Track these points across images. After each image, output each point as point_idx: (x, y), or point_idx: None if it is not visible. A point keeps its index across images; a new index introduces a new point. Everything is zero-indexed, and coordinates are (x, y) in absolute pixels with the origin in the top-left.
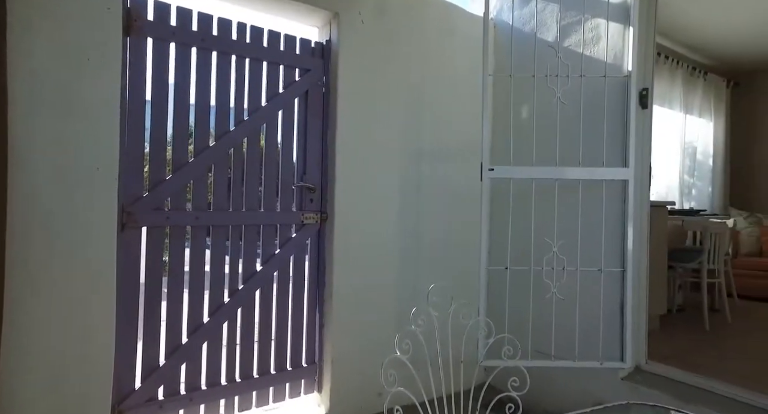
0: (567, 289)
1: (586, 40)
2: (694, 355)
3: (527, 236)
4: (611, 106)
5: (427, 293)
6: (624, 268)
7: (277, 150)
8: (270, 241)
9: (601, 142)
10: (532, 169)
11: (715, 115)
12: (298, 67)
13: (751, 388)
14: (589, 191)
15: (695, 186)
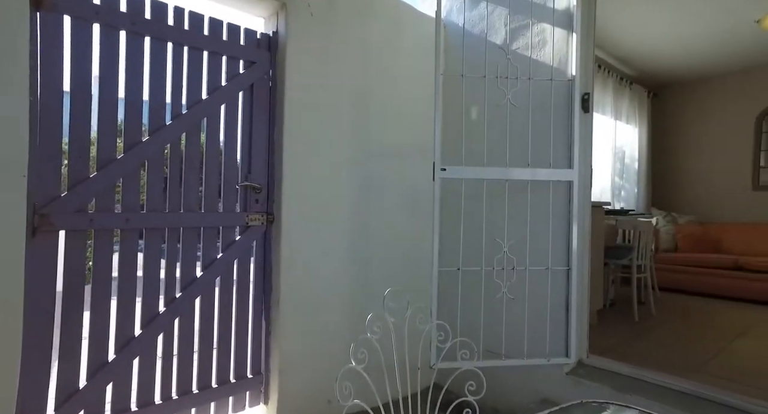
0: (517, 289)
1: (533, 43)
2: (627, 347)
3: (479, 237)
4: (557, 109)
5: (382, 298)
6: (569, 267)
7: (220, 147)
8: (212, 244)
9: (548, 143)
10: (483, 170)
11: (639, 122)
12: (242, 58)
13: (677, 375)
14: (537, 192)
15: (624, 187)
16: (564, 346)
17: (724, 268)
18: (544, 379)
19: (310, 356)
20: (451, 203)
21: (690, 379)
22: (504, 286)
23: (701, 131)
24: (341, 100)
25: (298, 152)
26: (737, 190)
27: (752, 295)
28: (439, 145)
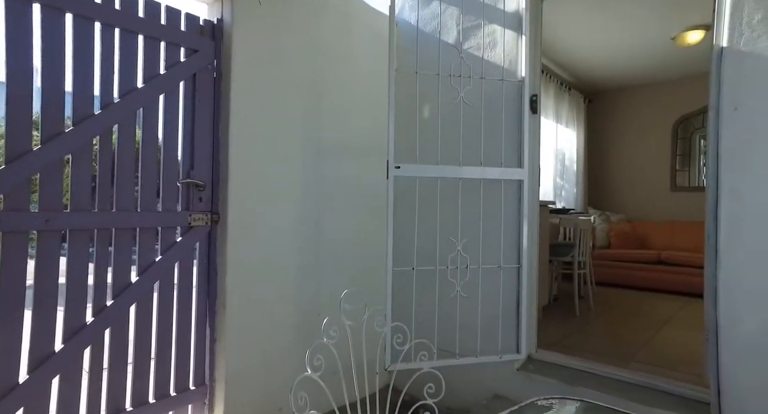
0: (470, 287)
1: (484, 44)
2: (571, 340)
3: (433, 236)
4: (508, 109)
5: (339, 300)
6: (520, 265)
7: (158, 141)
8: (149, 246)
9: (499, 143)
10: (437, 168)
11: (577, 126)
12: (183, 46)
13: (616, 365)
14: (489, 191)
15: (564, 188)
16: (515, 342)
17: (649, 262)
18: (496, 375)
19: (259, 363)
20: (406, 202)
21: (627, 368)
22: (458, 285)
23: (628, 136)
24: (292, 95)
25: (246, 149)
26: (658, 191)
27: (673, 286)
28: (393, 143)
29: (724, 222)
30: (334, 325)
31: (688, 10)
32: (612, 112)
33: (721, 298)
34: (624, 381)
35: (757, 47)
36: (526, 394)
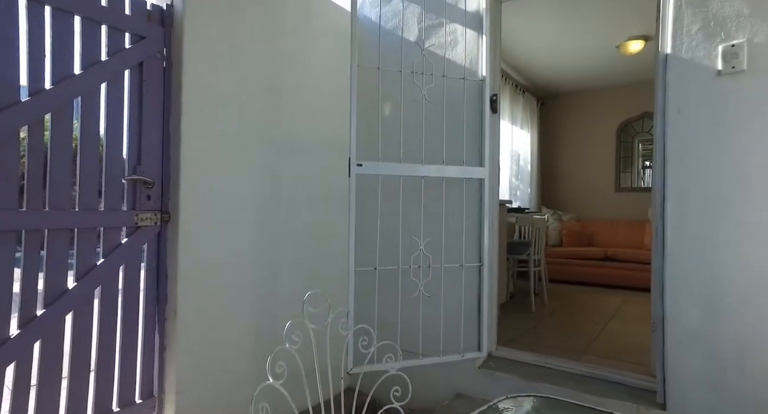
0: (433, 286)
1: (445, 43)
2: (529, 336)
3: (396, 235)
4: (469, 108)
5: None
6: (481, 263)
7: (100, 133)
8: (89, 249)
9: (461, 141)
10: (400, 166)
11: (531, 128)
12: (128, 31)
13: (571, 358)
14: (451, 189)
15: (519, 187)
16: (476, 340)
17: (597, 259)
18: (458, 374)
19: (215, 372)
20: (368, 201)
21: (581, 361)
22: (420, 285)
23: (577, 139)
24: (250, 89)
25: (200, 144)
26: (604, 192)
27: (618, 281)
28: (354, 140)
29: (670, 219)
30: (296, 329)
31: (631, 21)
32: (562, 115)
33: (667, 291)
34: (578, 374)
35: (695, 55)
36: (487, 392)
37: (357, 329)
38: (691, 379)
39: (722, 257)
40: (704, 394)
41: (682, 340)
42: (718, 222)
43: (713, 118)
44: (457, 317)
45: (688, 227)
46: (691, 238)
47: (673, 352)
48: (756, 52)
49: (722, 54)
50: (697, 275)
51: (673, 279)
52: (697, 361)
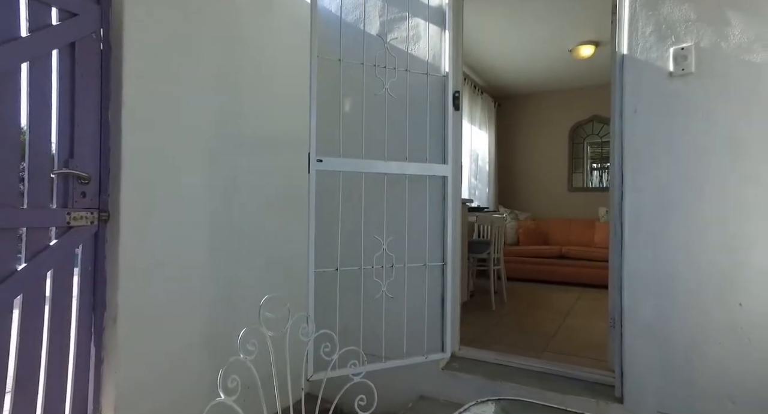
0: (396, 287)
1: (408, 37)
2: (490, 335)
3: (358, 234)
4: (432, 104)
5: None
6: (445, 262)
7: (19, 120)
8: (7, 252)
9: (424, 138)
10: (361, 163)
11: (489, 128)
12: (55, 5)
13: (532, 356)
14: (414, 187)
15: (477, 187)
16: (440, 341)
17: (552, 257)
18: (422, 376)
19: (160, 387)
20: (329, 198)
21: (542, 358)
22: (383, 285)
23: (533, 140)
24: (202, 78)
25: (145, 137)
26: (558, 191)
27: (572, 278)
28: (315, 135)
29: (627, 217)
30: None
31: (582, 27)
32: (519, 116)
33: (625, 288)
34: (540, 371)
35: (650, 57)
36: (451, 393)
37: (319, 335)
38: (647, 373)
39: (674, 255)
40: (659, 387)
41: (639, 335)
42: (670, 220)
43: (666, 119)
44: (421, 318)
45: (644, 226)
46: (646, 236)
47: (631, 346)
48: (702, 56)
49: (673, 56)
50: (652, 272)
51: (630, 276)
52: (653, 355)
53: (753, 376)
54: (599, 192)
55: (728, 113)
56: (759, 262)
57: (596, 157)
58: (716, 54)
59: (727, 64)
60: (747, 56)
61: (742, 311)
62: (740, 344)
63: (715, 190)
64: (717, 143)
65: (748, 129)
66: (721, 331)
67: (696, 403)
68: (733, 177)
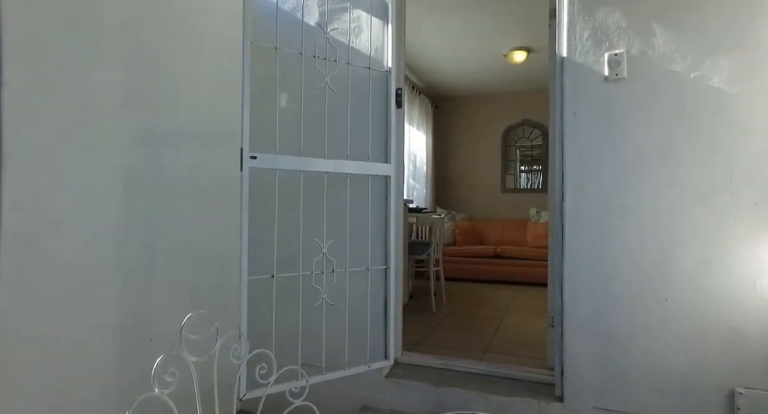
0: (337, 293)
1: (349, 29)
2: (432, 338)
3: (296, 237)
4: (375, 100)
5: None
6: (387, 265)
7: None
8: None
9: (367, 135)
10: (300, 160)
11: (426, 129)
12: None
13: (475, 358)
14: (356, 186)
15: (415, 187)
16: (383, 348)
17: (488, 256)
18: (364, 385)
19: None
20: (264, 199)
21: (484, 360)
22: (323, 292)
23: (468, 142)
24: (112, 59)
25: (34, 121)
26: (492, 192)
27: (507, 277)
28: (248, 128)
29: (568, 217)
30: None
31: (516, 32)
32: (455, 118)
33: (566, 286)
34: (483, 374)
35: (588, 60)
36: (395, 402)
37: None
38: (586, 370)
39: (614, 254)
40: (597, 383)
41: (579, 333)
42: (610, 221)
43: (604, 122)
44: (363, 325)
45: (585, 226)
46: (587, 237)
47: (571, 344)
48: (633, 63)
49: (608, 61)
50: (593, 271)
51: (571, 275)
52: (592, 353)
53: (676, 367)
54: (530, 193)
55: (658, 118)
56: (683, 260)
57: (524, 160)
58: (644, 62)
59: (654, 72)
60: (669, 65)
61: (668, 305)
62: (666, 336)
63: (649, 191)
64: (650, 147)
65: (675, 134)
66: (653, 325)
67: (629, 395)
68: (664, 179)
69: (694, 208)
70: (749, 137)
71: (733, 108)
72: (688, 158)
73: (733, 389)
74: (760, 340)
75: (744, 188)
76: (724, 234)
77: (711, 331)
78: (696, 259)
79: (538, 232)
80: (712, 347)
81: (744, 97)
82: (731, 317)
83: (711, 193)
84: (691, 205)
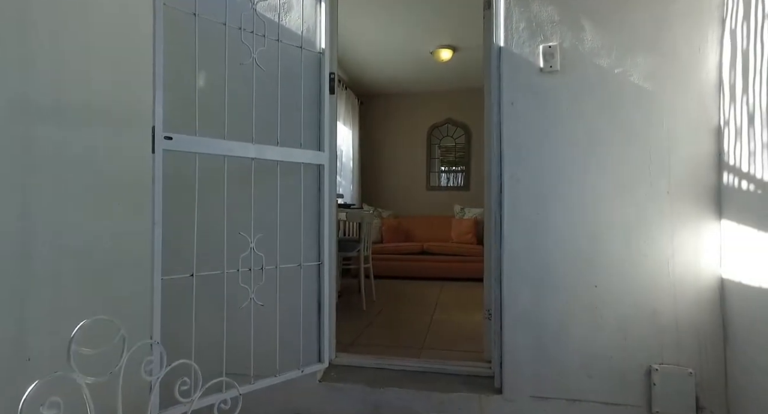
0: (266, 293)
1: (278, 4)
2: (365, 337)
3: (220, 231)
4: (308, 83)
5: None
6: (321, 261)
7: None
8: None
9: (299, 120)
10: (224, 144)
11: (352, 125)
12: None
13: (410, 356)
14: (287, 175)
15: (342, 184)
16: (317, 350)
17: (415, 253)
18: (297, 391)
19: None
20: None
21: (420, 357)
22: (251, 292)
23: (394, 139)
24: None
25: None
26: (417, 190)
27: (434, 273)
28: (161, 101)
29: (507, 207)
30: (57, 391)
31: (442, 30)
32: (381, 115)
33: (505, 278)
34: (421, 371)
35: (524, 51)
36: (330, 408)
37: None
38: (524, 360)
39: (548, 242)
40: (533, 372)
41: (516, 323)
42: (546, 210)
43: (539, 112)
44: (295, 326)
45: (522, 215)
46: (524, 225)
47: (510, 335)
48: (565, 55)
49: (542, 53)
50: (529, 260)
51: (509, 265)
52: (529, 342)
53: (603, 350)
54: (454, 190)
55: (587, 110)
56: (610, 247)
57: (449, 158)
58: (576, 55)
59: (584, 66)
60: (597, 60)
61: (597, 292)
62: (595, 322)
63: (579, 180)
64: (580, 136)
65: (601, 126)
66: (583, 312)
67: (563, 381)
68: (592, 168)
69: (619, 197)
70: (662, 132)
71: (648, 103)
72: (612, 149)
73: (650, 366)
74: (671, 318)
75: (659, 178)
76: (644, 221)
77: (634, 314)
78: (621, 246)
79: (462, 228)
80: (635, 329)
81: (658, 94)
82: (652, 299)
83: (632, 182)
84: (616, 194)
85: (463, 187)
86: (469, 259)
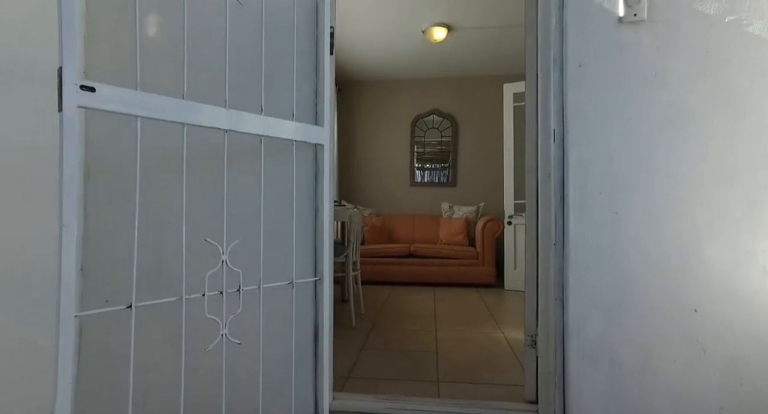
0: (244, 325)
1: None
2: (364, 365)
3: (174, 236)
4: (301, 39)
5: None
6: (319, 276)
7: None
8: None
9: (290, 84)
10: (181, 105)
11: None
12: None
13: (427, 394)
14: (273, 158)
15: None
16: (312, 398)
17: (402, 256)
18: None
19: None
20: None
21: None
22: (223, 326)
23: (375, 131)
24: None
25: None
26: (401, 186)
27: (423, 278)
28: (76, 37)
29: (573, 203)
30: None
31: (439, 6)
32: (360, 104)
33: (571, 297)
34: None
35: None
36: None
37: None
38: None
39: (626, 250)
40: None
41: (583, 357)
42: (621, 208)
43: (616, 77)
44: (285, 366)
45: (592, 212)
46: (595, 226)
47: (576, 374)
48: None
49: None
50: (601, 273)
51: (576, 280)
52: (602, 382)
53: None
54: (441, 187)
55: (682, 73)
56: (711, 255)
57: (436, 152)
58: None
59: (681, 12)
60: (700, 4)
61: (696, 318)
62: (696, 359)
63: (667, 167)
64: (670, 109)
65: (701, 94)
66: (677, 344)
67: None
68: (684, 151)
69: (723, 189)
70: None
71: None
72: (714, 128)
73: None
74: None
75: None
76: (759, 221)
77: (752, 352)
78: (726, 254)
79: (453, 228)
80: (754, 372)
81: None
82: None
83: (741, 170)
84: (719, 185)
85: (449, 183)
86: (462, 263)
